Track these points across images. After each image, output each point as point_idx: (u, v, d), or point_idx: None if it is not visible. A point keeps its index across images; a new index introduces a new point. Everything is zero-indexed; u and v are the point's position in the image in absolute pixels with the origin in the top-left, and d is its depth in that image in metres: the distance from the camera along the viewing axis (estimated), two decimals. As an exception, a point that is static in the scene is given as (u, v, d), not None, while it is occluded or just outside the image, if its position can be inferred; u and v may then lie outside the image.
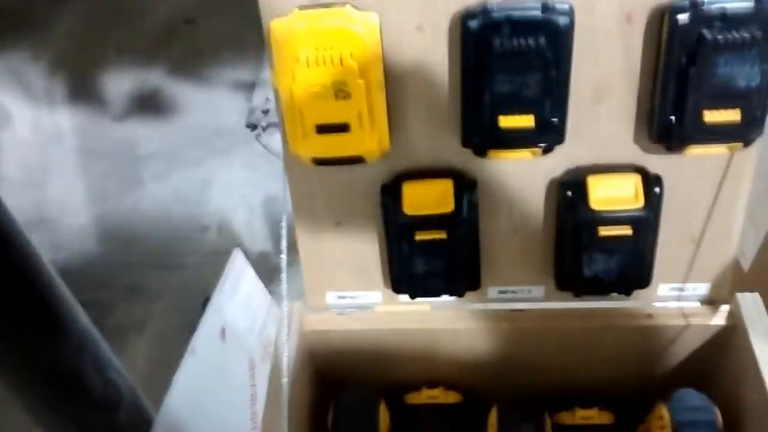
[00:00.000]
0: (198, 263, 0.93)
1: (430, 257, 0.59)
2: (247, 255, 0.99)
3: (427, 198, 0.56)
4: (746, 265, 0.81)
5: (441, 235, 0.57)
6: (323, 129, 0.52)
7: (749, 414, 0.60)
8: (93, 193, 1.20)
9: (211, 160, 1.17)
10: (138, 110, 1.34)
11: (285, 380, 0.56)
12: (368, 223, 0.61)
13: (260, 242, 0.92)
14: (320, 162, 0.54)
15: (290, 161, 0.58)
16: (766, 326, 0.60)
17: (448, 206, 0.56)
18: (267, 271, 0.66)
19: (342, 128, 0.52)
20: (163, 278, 1.02)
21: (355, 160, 0.54)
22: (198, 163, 1.18)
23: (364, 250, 0.63)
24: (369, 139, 0.52)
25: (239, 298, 0.78)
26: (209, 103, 1.25)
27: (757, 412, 0.58)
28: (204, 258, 0.90)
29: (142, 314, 1.00)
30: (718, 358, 0.65)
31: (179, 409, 0.66)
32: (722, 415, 0.61)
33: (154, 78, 1.45)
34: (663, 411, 0.62)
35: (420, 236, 0.57)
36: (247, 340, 0.76)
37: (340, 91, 0.51)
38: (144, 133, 1.26)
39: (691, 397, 0.62)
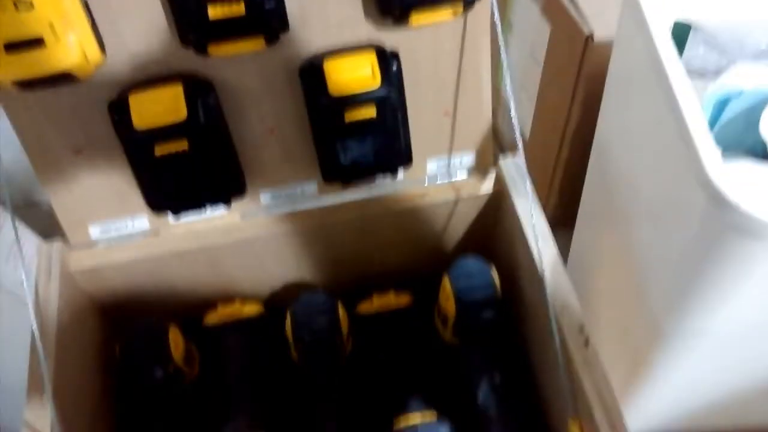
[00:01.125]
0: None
1: (178, 170, 0.55)
2: (37, 208, 0.92)
3: (158, 108, 0.52)
4: (527, 132, 0.84)
5: (181, 146, 0.53)
6: (13, 47, 0.46)
7: (522, 269, 0.62)
8: None
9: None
10: None
11: (34, 325, 0.51)
12: (109, 146, 0.56)
13: (35, 194, 0.84)
14: (24, 85, 0.49)
15: (4, 92, 0.52)
16: (527, 187, 0.61)
17: (180, 113, 0.52)
18: (42, 221, 0.61)
19: (35, 43, 0.46)
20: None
21: (65, 78, 0.49)
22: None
23: (114, 175, 0.58)
24: (71, 51, 0.47)
25: (1, 249, 0.72)
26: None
27: (526, 267, 0.60)
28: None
29: None
30: (494, 222, 0.66)
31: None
32: (501, 275, 0.63)
33: None
34: (446, 282, 0.63)
35: (160, 150, 0.53)
36: (21, 294, 0.71)
37: (20, 2, 0.45)
38: None
39: (468, 264, 0.63)
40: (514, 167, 0.63)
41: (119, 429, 0.63)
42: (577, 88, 0.73)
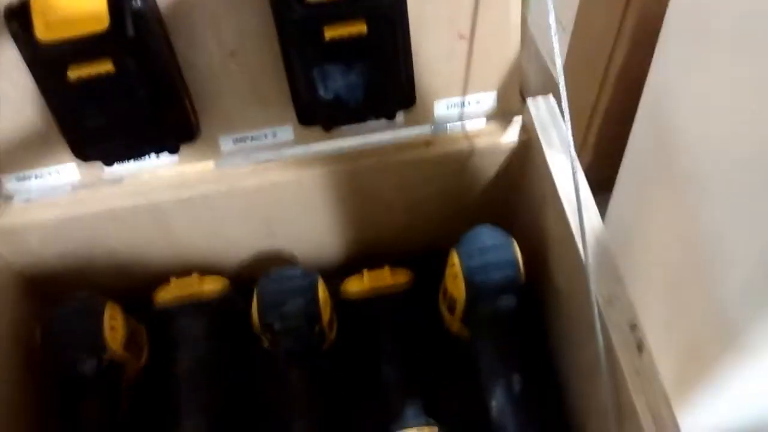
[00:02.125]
0: None
1: (102, 102, 0.42)
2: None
3: (70, 13, 0.39)
4: (557, 73, 0.71)
5: (105, 66, 0.40)
6: None
7: (552, 245, 0.50)
8: None
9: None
10: None
11: None
12: (18, 71, 0.43)
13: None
14: None
15: None
16: (562, 136, 0.48)
17: (101, 22, 0.39)
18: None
19: None
20: None
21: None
22: None
23: (27, 109, 0.46)
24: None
25: None
26: None
27: (560, 241, 0.48)
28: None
29: None
30: (516, 182, 0.55)
31: None
32: (525, 251, 0.50)
33: None
34: (454, 257, 0.51)
35: (74, 72, 0.40)
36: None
37: None
38: None
39: (483, 235, 0.51)
40: (547, 110, 0.50)
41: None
42: (624, 21, 0.60)
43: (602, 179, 0.75)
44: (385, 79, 0.45)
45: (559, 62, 0.40)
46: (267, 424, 0.54)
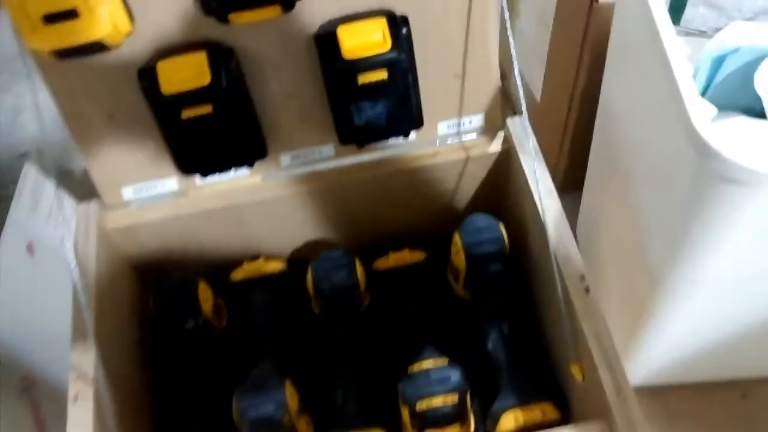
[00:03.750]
0: (21, 192, 0.90)
1: (204, 133, 0.59)
2: (71, 174, 0.97)
3: (183, 74, 0.56)
4: (538, 94, 0.86)
5: (206, 109, 0.57)
6: (51, 18, 0.50)
7: (528, 224, 0.65)
8: None
9: (16, 85, 1.11)
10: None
11: (75, 275, 0.56)
12: (139, 111, 0.60)
13: (82, 160, 0.88)
14: (61, 54, 0.53)
15: (43, 61, 0.56)
16: (532, 145, 0.64)
17: (204, 78, 0.56)
18: (92, 188, 0.65)
19: (70, 14, 0.50)
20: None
21: (97, 47, 0.53)
22: (4, 90, 1.12)
23: (146, 138, 0.63)
24: (102, 22, 0.51)
25: (42, 212, 0.77)
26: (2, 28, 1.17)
27: (532, 221, 0.63)
28: (24, 187, 0.87)
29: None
30: (502, 180, 0.70)
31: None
32: (509, 231, 0.66)
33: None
34: (456, 238, 0.67)
35: (186, 113, 0.57)
36: (61, 251, 0.76)
37: (57, -24, 0.49)
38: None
39: (478, 220, 0.67)
40: (521, 127, 0.66)
41: (152, 377, 0.68)
42: (583, 50, 0.76)
43: (577, 179, 0.89)
44: (401, 109, 0.61)
45: (520, 93, 0.57)
46: (319, 371, 0.68)
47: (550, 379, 0.65)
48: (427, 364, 0.64)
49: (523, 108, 0.57)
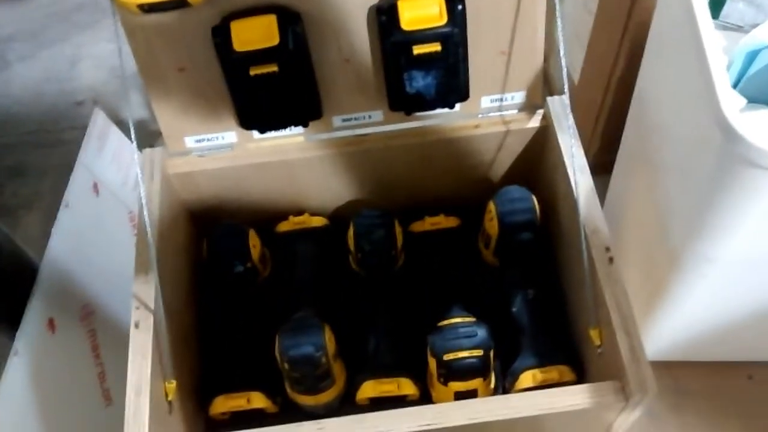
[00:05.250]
0: (77, 138, 0.95)
1: (268, 91, 0.64)
2: (125, 124, 1.02)
3: (255, 34, 0.61)
4: (576, 77, 0.90)
5: (272, 68, 0.62)
6: (141, -25, 0.55)
7: (560, 198, 0.69)
8: (-41, 80, 1.19)
9: (77, 35, 1.16)
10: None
11: (145, 213, 0.62)
12: (209, 66, 0.65)
13: (136, 111, 0.93)
14: (146, 8, 0.58)
15: (124, 15, 0.61)
16: (570, 123, 0.68)
17: (273, 39, 0.61)
18: (146, 137, 0.70)
19: (159, -28, 0.55)
20: (45, 156, 1.05)
21: (180, 4, 0.58)
22: (63, 40, 1.17)
23: (211, 92, 0.67)
24: (187, -19, 0.56)
25: (107, 155, 0.82)
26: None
27: (564, 195, 0.68)
28: (82, 132, 0.93)
29: (29, 192, 1.03)
30: (537, 155, 0.74)
31: (61, 256, 0.71)
32: (541, 202, 0.71)
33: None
34: (491, 206, 0.71)
35: (254, 71, 0.62)
36: (122, 194, 0.81)
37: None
38: (1, 15, 1.23)
39: (513, 191, 0.71)
40: (560, 105, 0.70)
41: (201, 315, 0.74)
42: (624, 38, 0.79)
43: (607, 162, 0.93)
44: (450, 81, 0.65)
45: (564, 73, 0.61)
46: (356, 322, 0.73)
47: (569, 344, 0.70)
48: (456, 320, 0.69)
49: (566, 88, 0.61)
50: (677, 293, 0.69)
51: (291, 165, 0.73)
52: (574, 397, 0.57)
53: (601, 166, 0.94)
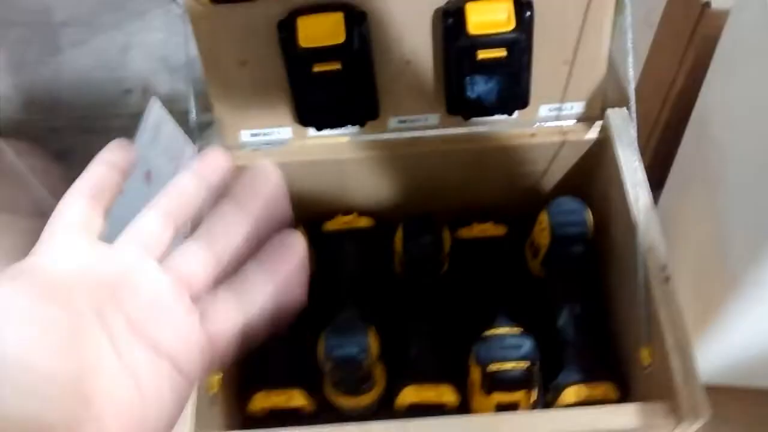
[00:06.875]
0: (124, 126, 0.96)
1: (329, 88, 0.64)
2: (173, 115, 1.03)
3: (320, 31, 0.61)
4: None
5: (336, 66, 0.62)
6: (214, -34, 0.55)
7: (614, 213, 0.69)
8: (11, 62, 1.20)
9: (129, 23, 1.17)
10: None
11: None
12: (271, 61, 0.65)
13: (184, 102, 0.94)
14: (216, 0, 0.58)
15: (192, 5, 0.61)
16: (630, 137, 0.67)
17: (339, 37, 0.60)
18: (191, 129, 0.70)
19: (232, -36, 0.55)
20: (91, 141, 1.06)
21: (249, -4, 0.58)
22: (116, 27, 1.18)
23: (271, 87, 0.67)
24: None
25: (160, 145, 0.83)
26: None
27: (619, 210, 0.66)
28: (129, 120, 0.93)
29: (75, 176, 1.04)
30: (593, 167, 0.73)
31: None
32: (594, 216, 0.70)
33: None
34: (543, 216, 0.71)
35: (317, 68, 0.62)
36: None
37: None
38: (56, 0, 1.24)
39: (566, 203, 0.70)
40: (621, 118, 0.69)
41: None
42: (686, 53, 0.78)
43: (658, 178, 0.92)
44: (511, 87, 0.65)
45: (632, 86, 0.60)
46: (398, 325, 0.72)
47: (614, 361, 0.69)
48: (503, 330, 0.68)
49: (632, 100, 0.60)
50: (730, 317, 0.67)
51: (342, 164, 0.72)
52: (623, 417, 0.56)
53: (651, 181, 0.93)
